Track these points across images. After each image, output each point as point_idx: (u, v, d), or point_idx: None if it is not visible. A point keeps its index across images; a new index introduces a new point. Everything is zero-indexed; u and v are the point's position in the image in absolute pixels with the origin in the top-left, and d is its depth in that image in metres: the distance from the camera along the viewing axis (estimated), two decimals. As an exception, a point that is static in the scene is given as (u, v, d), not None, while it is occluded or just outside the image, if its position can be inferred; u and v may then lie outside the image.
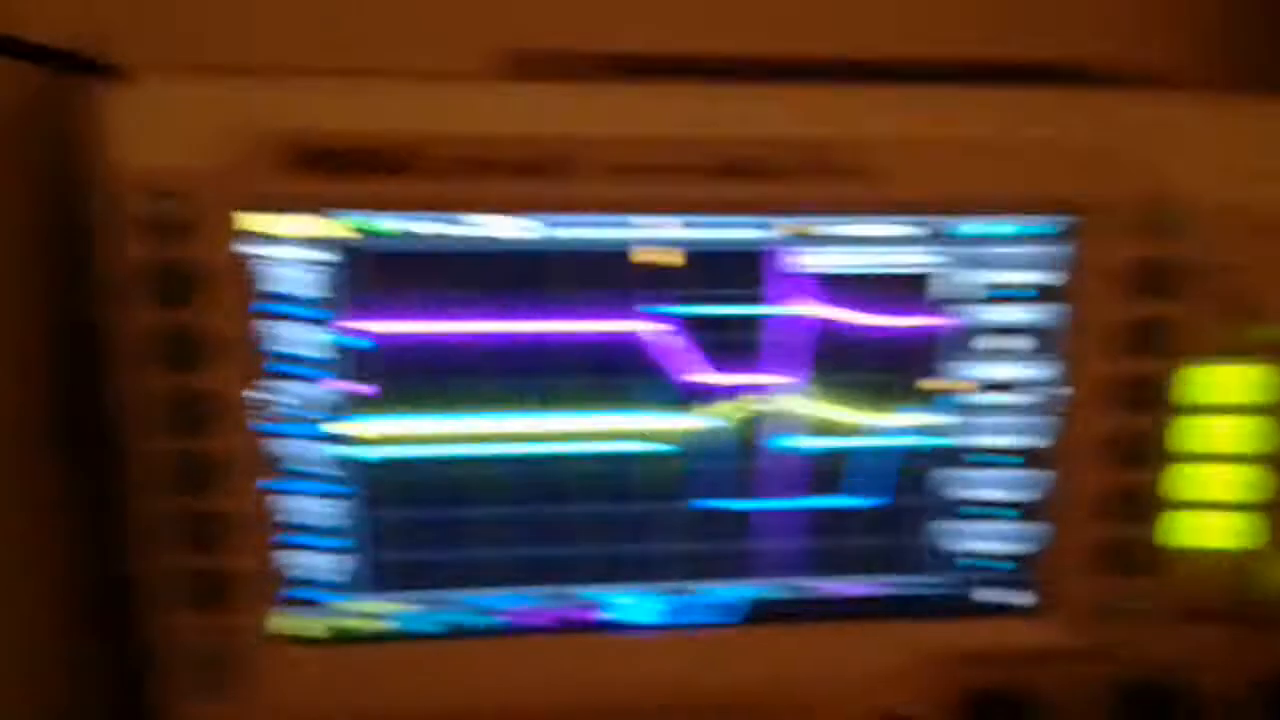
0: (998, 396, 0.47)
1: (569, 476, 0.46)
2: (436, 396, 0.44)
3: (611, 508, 0.46)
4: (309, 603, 0.46)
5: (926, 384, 0.47)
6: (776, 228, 0.45)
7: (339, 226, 0.42)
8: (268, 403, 0.43)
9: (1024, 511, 0.48)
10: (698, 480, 0.47)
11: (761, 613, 0.48)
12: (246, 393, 0.42)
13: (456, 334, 0.44)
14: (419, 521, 0.45)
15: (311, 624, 0.46)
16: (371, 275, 0.43)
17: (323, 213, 0.42)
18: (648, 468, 0.46)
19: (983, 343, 0.47)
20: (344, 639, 0.46)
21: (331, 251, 0.43)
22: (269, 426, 0.44)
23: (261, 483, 0.44)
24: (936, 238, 0.45)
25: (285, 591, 0.45)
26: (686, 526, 0.47)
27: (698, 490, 0.47)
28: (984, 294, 0.46)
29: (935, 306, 0.46)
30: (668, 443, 0.46)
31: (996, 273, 0.46)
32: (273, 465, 0.44)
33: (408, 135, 0.41)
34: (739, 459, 0.47)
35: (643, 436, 0.46)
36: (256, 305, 0.42)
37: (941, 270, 0.46)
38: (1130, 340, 0.45)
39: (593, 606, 0.47)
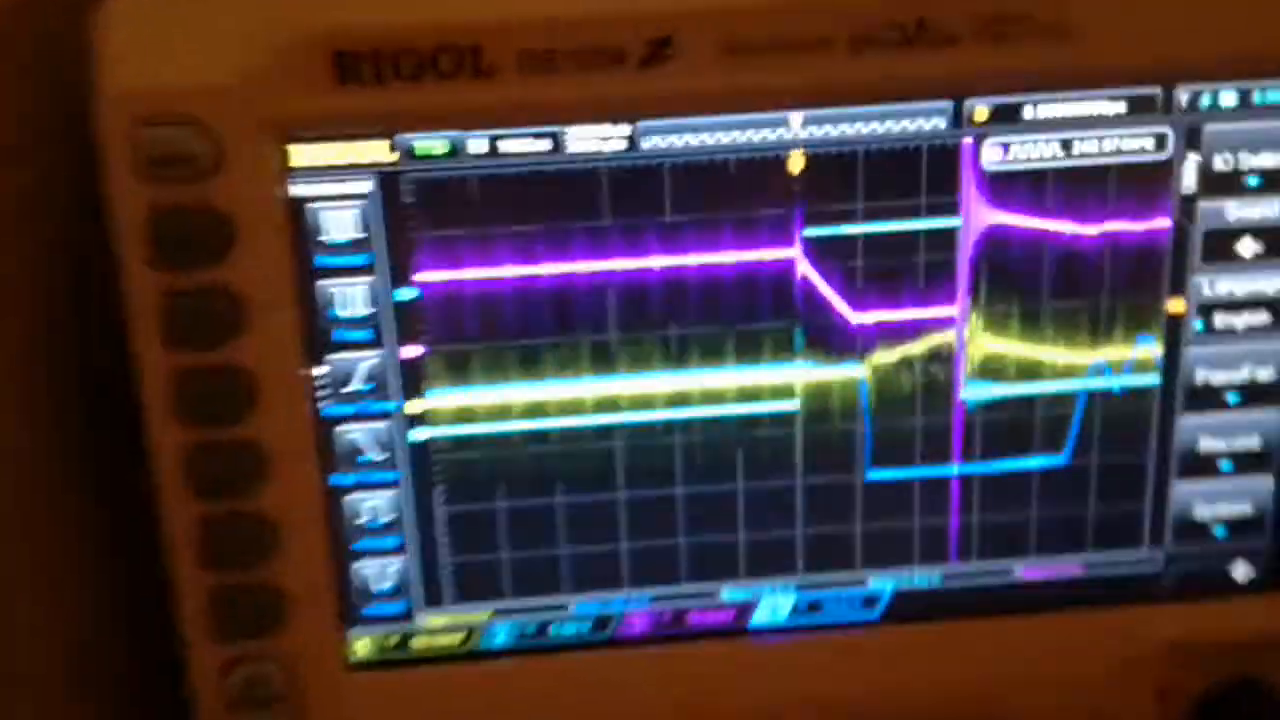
0: (1230, 317, 0.43)
1: (676, 450, 0.42)
2: (516, 361, 0.41)
3: (734, 485, 0.43)
4: (374, 619, 0.44)
5: (1143, 305, 0.42)
6: (945, 116, 0.40)
7: (384, 151, 0.39)
8: (319, 379, 0.41)
9: (1257, 464, 0.44)
10: (844, 446, 0.43)
11: (918, 606, 0.45)
12: (292, 368, 0.39)
13: (538, 278, 0.40)
14: (499, 515, 0.43)
15: (377, 644, 0.44)
16: (440, 212, 0.40)
17: (371, 134, 0.38)
18: (781, 432, 0.42)
19: (1214, 249, 0.42)
20: (415, 659, 0.44)
21: (376, 184, 0.39)
22: (321, 408, 0.41)
23: (314, 479, 0.41)
24: (1156, 114, 0.41)
25: (346, 608, 0.43)
26: (833, 502, 0.44)
27: (847, 458, 0.43)
28: (1217, 184, 0.41)
29: (1156, 204, 0.41)
30: (807, 399, 0.43)
31: (1230, 157, 0.41)
32: (326, 456, 0.41)
33: (470, 25, 0.36)
34: (903, 415, 0.43)
35: (775, 394, 0.42)
36: (300, 258, 0.39)
37: (1161, 158, 0.41)
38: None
39: (709, 608, 0.44)
